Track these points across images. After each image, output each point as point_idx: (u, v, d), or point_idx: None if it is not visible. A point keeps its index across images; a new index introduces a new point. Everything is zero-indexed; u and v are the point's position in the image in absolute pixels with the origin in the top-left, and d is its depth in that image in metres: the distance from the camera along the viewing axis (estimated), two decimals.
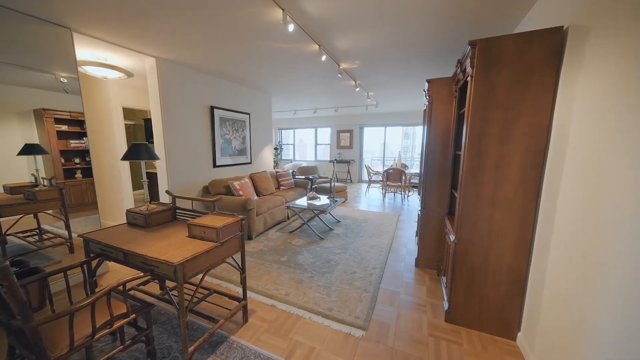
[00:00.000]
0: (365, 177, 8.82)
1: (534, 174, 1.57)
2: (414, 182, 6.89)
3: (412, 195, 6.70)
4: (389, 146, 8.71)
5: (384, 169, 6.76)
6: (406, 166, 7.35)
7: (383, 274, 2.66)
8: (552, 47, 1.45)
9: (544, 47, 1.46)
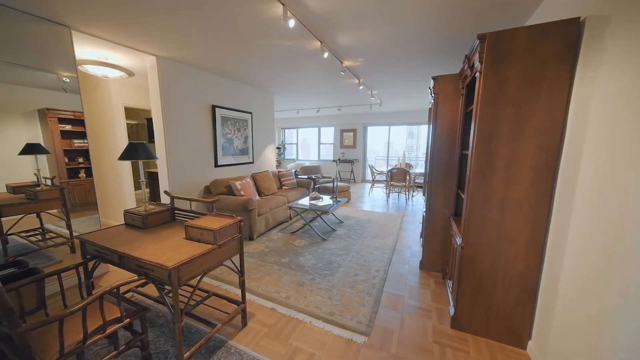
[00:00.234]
0: (369, 176, 8.74)
1: (547, 174, 1.48)
2: (418, 182, 6.79)
3: (417, 196, 6.60)
4: (393, 145, 8.60)
5: (388, 168, 6.68)
6: (410, 166, 7.24)
7: (386, 276, 2.59)
8: (567, 39, 1.36)
9: (559, 40, 1.37)
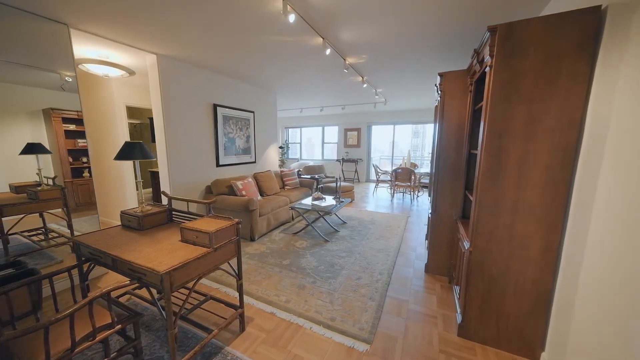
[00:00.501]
0: (373, 176, 8.62)
1: (563, 175, 1.38)
2: (423, 182, 6.66)
3: (422, 196, 6.47)
4: (398, 145, 8.47)
5: (392, 168, 6.56)
6: (416, 165, 7.11)
7: (390, 280, 2.51)
8: (587, 30, 1.26)
9: (577, 31, 1.27)
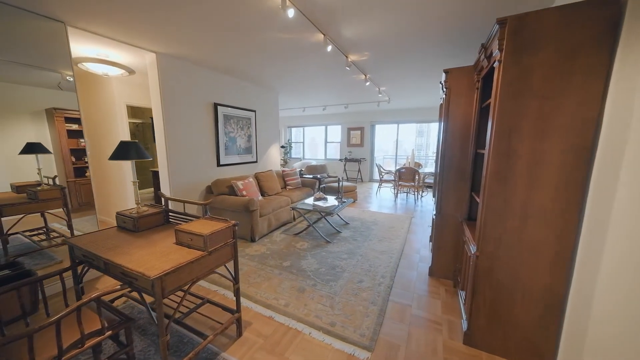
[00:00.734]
0: (376, 176, 8.53)
1: (578, 176, 1.30)
2: (428, 181, 6.55)
3: (426, 196, 6.37)
4: (402, 144, 8.35)
5: (396, 167, 6.46)
6: (420, 165, 7.00)
7: (393, 283, 2.43)
8: (605, 22, 1.17)
9: (594, 23, 1.19)
